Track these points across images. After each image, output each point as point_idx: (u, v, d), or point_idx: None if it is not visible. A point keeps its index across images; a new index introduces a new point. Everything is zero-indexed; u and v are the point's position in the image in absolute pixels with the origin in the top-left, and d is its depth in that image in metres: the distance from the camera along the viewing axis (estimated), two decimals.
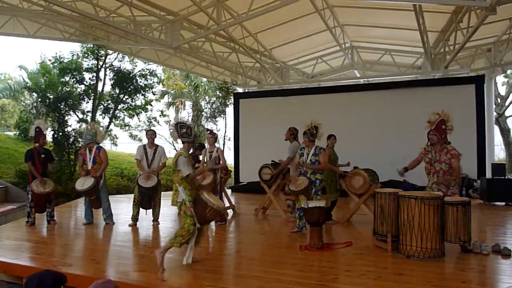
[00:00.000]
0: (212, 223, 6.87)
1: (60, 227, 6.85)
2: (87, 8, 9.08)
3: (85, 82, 15.19)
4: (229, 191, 11.05)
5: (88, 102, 15.28)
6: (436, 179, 5.22)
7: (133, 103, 16.04)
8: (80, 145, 13.65)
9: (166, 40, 10.41)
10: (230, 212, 8.11)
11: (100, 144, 7.11)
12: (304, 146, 6.09)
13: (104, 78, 15.79)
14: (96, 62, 15.14)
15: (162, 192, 7.18)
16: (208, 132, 7.23)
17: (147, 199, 6.85)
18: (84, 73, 15.11)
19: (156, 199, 6.96)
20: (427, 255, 4.46)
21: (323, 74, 15.91)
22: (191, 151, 5.43)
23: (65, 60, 14.80)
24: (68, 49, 27.08)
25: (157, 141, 7.19)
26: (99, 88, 15.69)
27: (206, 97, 18.97)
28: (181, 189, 4.30)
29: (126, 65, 16.26)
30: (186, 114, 21.28)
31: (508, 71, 15.58)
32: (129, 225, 6.77)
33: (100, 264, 4.64)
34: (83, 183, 6.64)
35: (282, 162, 7.01)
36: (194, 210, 4.27)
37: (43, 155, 6.81)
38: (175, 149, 17.93)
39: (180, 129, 4.49)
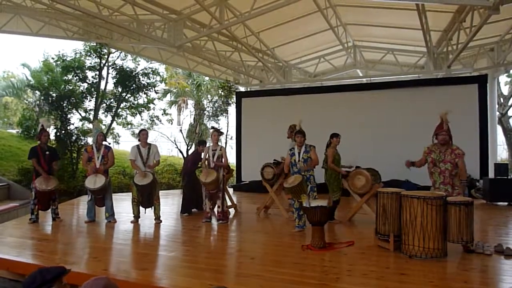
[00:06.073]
0: (214, 222, 6.90)
1: (62, 225, 6.87)
2: (90, 7, 9.10)
3: (87, 81, 15.21)
4: (231, 190, 11.05)
5: (90, 100, 15.31)
6: (443, 179, 5.22)
7: (136, 102, 16.05)
8: (83, 143, 13.68)
9: (168, 39, 10.42)
10: (232, 211, 8.13)
11: (106, 143, 7.17)
12: (297, 145, 6.12)
13: (107, 76, 15.81)
14: (98, 60, 15.16)
15: (160, 191, 7.16)
16: (214, 129, 7.11)
17: (146, 197, 6.89)
18: (86, 71, 15.13)
19: (154, 197, 7.01)
20: (430, 255, 4.45)
21: (325, 73, 15.90)
22: (193, 148, 5.47)
23: (68, 59, 14.83)
24: (71, 48, 27.06)
25: (159, 139, 7.22)
26: (102, 86, 15.70)
27: (209, 96, 18.97)
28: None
29: (129, 63, 16.33)
30: (188, 113, 21.30)
31: (511, 71, 15.49)
32: (131, 222, 6.87)
33: (101, 262, 4.65)
34: (94, 182, 6.67)
35: (284, 161, 7.00)
36: None
37: (47, 153, 6.86)
38: (176, 147, 17.93)
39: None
